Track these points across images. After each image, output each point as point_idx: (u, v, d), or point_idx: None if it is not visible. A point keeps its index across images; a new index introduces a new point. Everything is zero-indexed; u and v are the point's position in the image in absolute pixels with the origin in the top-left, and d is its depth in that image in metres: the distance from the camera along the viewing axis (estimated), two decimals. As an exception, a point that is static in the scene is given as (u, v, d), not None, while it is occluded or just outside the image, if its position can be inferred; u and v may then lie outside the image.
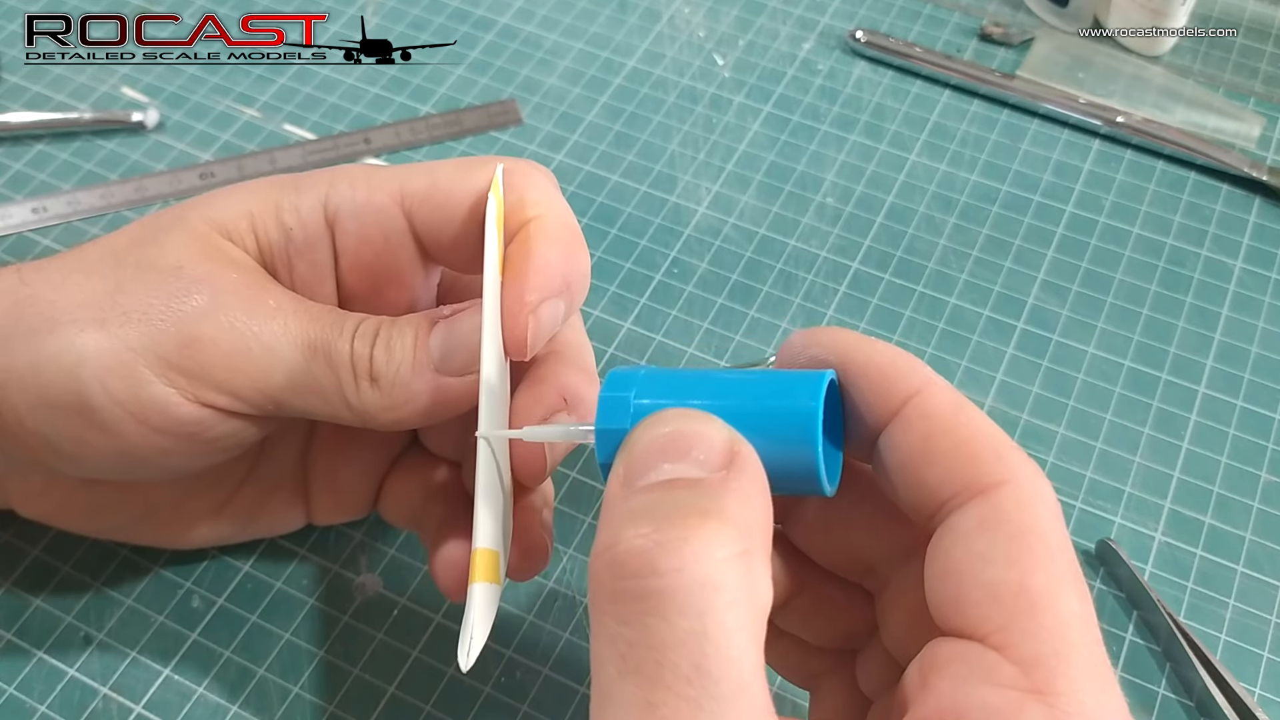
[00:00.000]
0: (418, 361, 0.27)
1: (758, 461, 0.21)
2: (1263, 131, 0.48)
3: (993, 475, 0.20)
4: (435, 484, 0.33)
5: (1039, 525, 0.20)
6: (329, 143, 0.47)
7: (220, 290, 0.27)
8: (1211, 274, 0.43)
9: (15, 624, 0.34)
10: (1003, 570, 0.19)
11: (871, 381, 0.22)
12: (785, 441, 0.21)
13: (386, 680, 0.33)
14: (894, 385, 0.22)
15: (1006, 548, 0.20)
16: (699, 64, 0.50)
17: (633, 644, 0.18)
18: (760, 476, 0.20)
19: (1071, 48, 0.51)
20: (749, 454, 0.20)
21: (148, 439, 0.27)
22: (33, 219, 0.44)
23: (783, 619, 0.26)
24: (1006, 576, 0.19)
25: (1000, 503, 0.20)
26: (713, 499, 0.19)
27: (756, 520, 0.19)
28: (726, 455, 0.20)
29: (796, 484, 0.22)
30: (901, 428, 0.22)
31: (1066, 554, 0.20)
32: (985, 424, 0.21)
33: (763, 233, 0.44)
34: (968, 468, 0.21)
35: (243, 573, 0.35)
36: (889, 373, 0.22)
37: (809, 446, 0.21)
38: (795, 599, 0.26)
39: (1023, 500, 0.20)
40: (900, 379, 0.22)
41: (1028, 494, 0.20)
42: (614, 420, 0.23)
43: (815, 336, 0.23)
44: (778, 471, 0.21)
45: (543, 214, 0.28)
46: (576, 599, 0.35)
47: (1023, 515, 0.20)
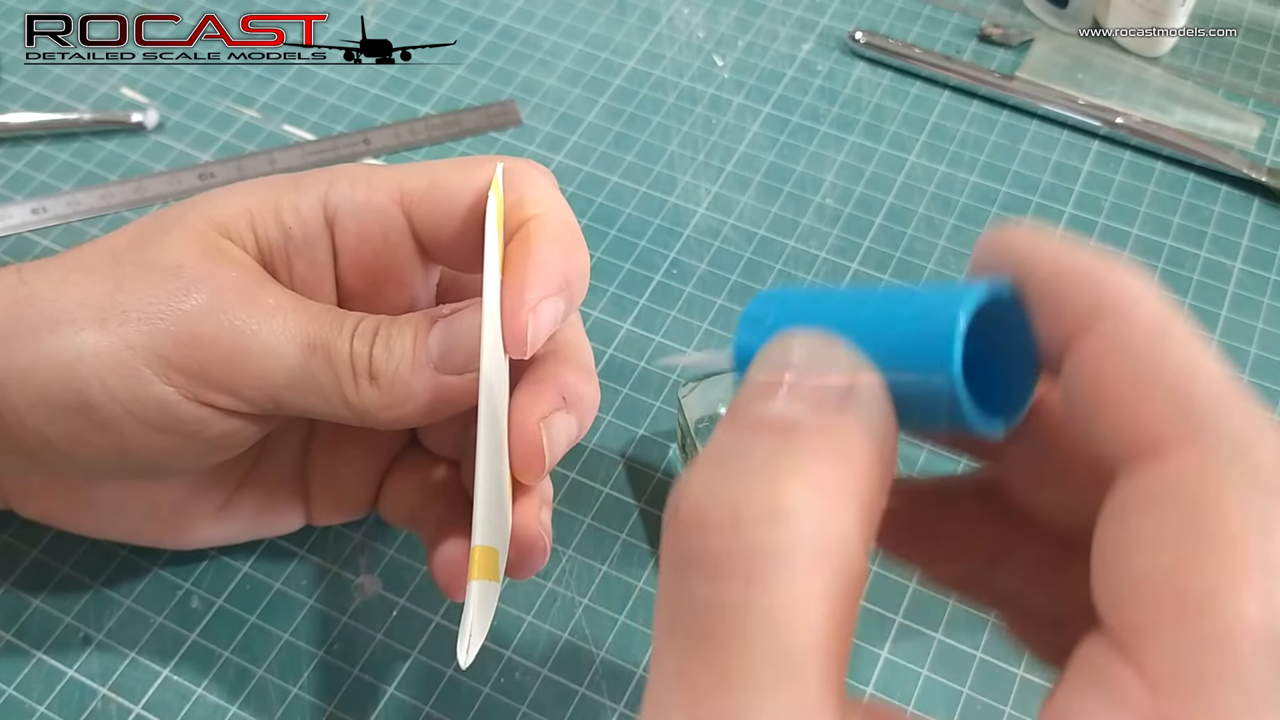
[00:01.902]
0: (417, 360, 0.27)
1: (877, 400, 0.17)
2: (1262, 133, 0.48)
3: (1171, 433, 0.15)
4: (434, 483, 0.33)
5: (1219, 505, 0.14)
6: (328, 143, 0.47)
7: (220, 289, 0.27)
8: (1210, 275, 0.44)
9: (15, 624, 0.34)
10: (1155, 557, 0.15)
11: (1046, 297, 0.17)
12: (924, 369, 0.17)
13: (386, 680, 0.33)
14: (1068, 301, 0.17)
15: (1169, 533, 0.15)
16: (698, 65, 0.50)
17: (678, 603, 0.16)
18: (878, 418, 0.17)
19: (1071, 48, 0.51)
20: (869, 391, 0.17)
21: (147, 438, 0.27)
22: (33, 219, 0.44)
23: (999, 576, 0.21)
24: (1158, 565, 0.15)
25: (1176, 474, 0.15)
26: (792, 447, 0.16)
27: (855, 470, 0.16)
28: (840, 392, 0.17)
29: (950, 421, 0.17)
30: (1078, 358, 0.17)
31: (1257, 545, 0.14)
32: (1176, 357, 0.16)
33: (762, 233, 0.44)
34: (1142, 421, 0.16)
35: (242, 573, 0.35)
36: (1066, 281, 0.17)
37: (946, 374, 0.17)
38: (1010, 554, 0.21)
39: (1208, 472, 0.15)
40: (1075, 291, 0.17)
41: (1217, 463, 0.15)
42: (751, 339, 0.19)
43: (1000, 241, 0.18)
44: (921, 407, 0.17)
45: (542, 213, 0.28)
46: (576, 599, 0.35)
47: (1201, 491, 0.15)
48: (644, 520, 0.37)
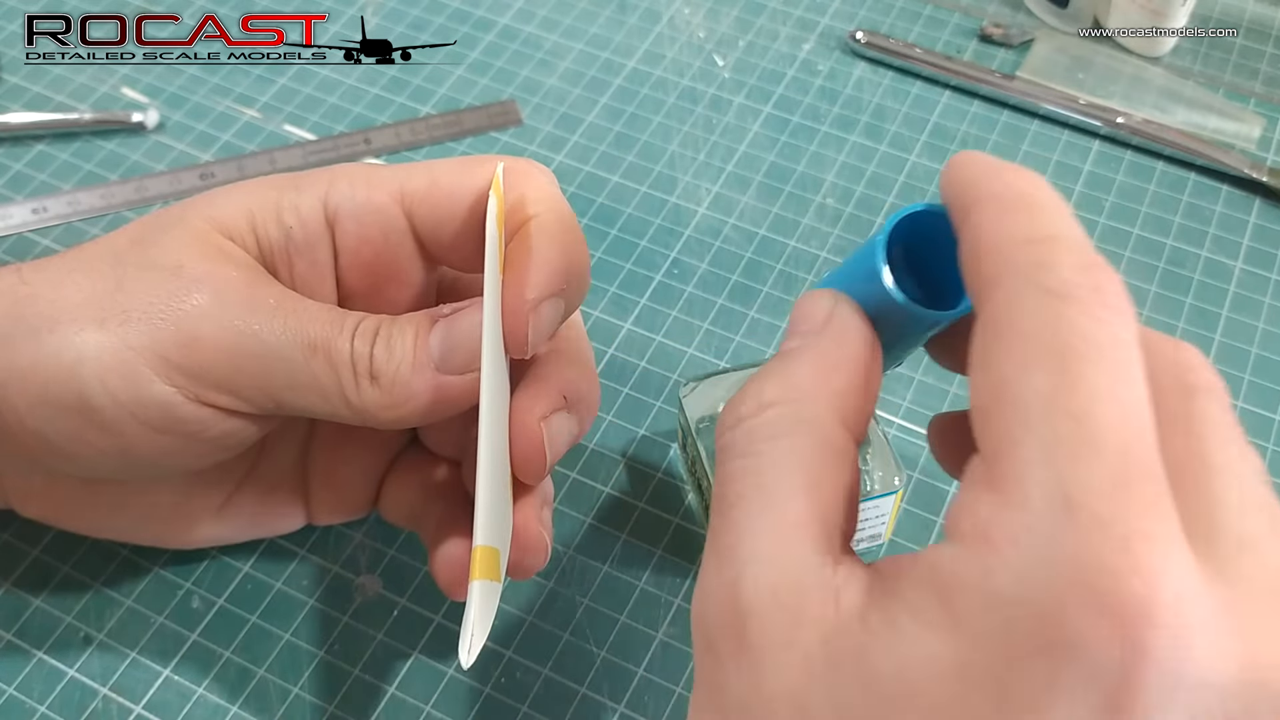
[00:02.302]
0: (418, 360, 0.27)
1: (849, 318, 0.22)
2: (1263, 132, 0.48)
3: (989, 276, 0.19)
4: (435, 483, 0.33)
5: (1013, 314, 0.18)
6: (329, 143, 0.47)
7: (220, 289, 0.27)
8: (1211, 275, 0.43)
9: (15, 624, 0.34)
10: (978, 372, 0.19)
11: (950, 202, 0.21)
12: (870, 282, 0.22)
13: (386, 680, 0.33)
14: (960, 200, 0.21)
15: (984, 347, 0.19)
16: (699, 65, 0.50)
17: (714, 487, 0.22)
18: (847, 330, 0.22)
19: (1071, 48, 0.51)
20: (841, 317, 0.22)
21: (148, 438, 0.27)
22: (33, 219, 0.44)
23: None
24: (979, 377, 0.19)
25: (990, 302, 0.19)
26: (782, 364, 0.22)
27: (824, 369, 0.22)
28: (821, 321, 0.22)
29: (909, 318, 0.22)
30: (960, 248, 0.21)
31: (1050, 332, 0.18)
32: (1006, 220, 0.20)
33: (763, 233, 0.44)
34: (977, 275, 0.20)
35: (243, 573, 0.35)
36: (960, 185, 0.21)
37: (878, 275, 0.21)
38: None
39: (1008, 293, 0.19)
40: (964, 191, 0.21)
41: (1014, 284, 0.19)
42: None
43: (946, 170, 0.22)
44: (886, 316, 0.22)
45: (543, 212, 0.28)
46: (576, 599, 0.35)
47: (1003, 308, 0.19)
48: (645, 520, 0.37)
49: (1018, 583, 0.17)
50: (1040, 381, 0.18)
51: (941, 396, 0.40)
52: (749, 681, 0.19)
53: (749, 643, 0.19)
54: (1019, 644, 0.16)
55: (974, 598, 0.17)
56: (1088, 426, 0.17)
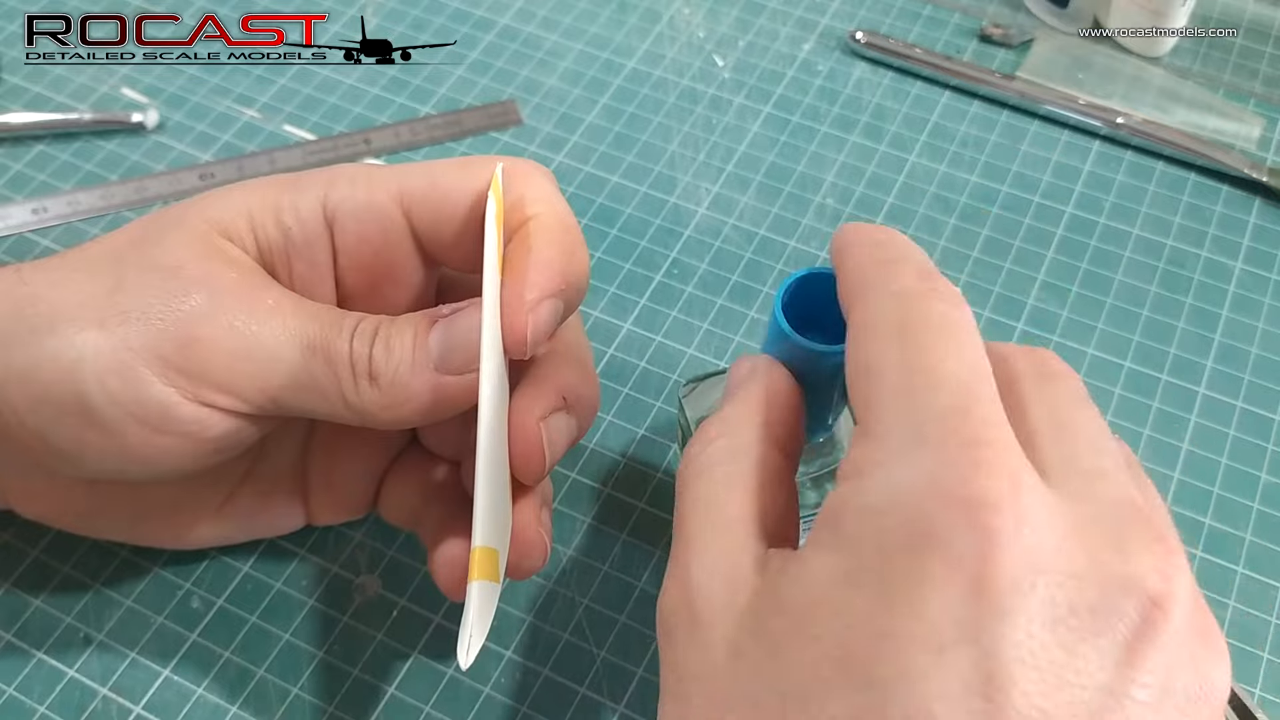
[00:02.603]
0: (417, 360, 0.27)
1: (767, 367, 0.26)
2: (1263, 132, 0.48)
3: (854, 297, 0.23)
4: (434, 483, 0.33)
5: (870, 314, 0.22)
6: (329, 143, 0.47)
7: (219, 290, 0.27)
8: (1211, 275, 0.43)
9: (15, 624, 0.34)
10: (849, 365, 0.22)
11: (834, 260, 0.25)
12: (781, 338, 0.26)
13: (386, 681, 0.33)
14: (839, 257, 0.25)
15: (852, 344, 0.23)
16: (699, 65, 0.50)
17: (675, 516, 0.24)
18: (766, 376, 0.26)
19: (1071, 49, 0.51)
20: (762, 367, 0.26)
21: (147, 439, 0.27)
22: (33, 220, 0.44)
23: None
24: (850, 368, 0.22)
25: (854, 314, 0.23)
26: (720, 412, 0.25)
27: (750, 408, 0.25)
28: (746, 376, 0.26)
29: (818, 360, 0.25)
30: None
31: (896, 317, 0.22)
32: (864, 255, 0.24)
33: (762, 234, 0.44)
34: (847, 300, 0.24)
35: (242, 573, 0.35)
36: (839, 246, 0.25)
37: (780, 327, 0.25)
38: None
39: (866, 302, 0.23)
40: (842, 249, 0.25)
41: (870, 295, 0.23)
42: None
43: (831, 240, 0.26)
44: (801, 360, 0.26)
45: (542, 213, 0.28)
46: (576, 599, 0.35)
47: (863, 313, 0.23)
48: (645, 520, 0.37)
49: (885, 496, 0.20)
50: (892, 353, 0.21)
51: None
52: (700, 652, 0.21)
53: (698, 619, 0.22)
54: (891, 545, 0.19)
55: (851, 517, 0.20)
56: (929, 374, 0.21)
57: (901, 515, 0.19)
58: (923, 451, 0.20)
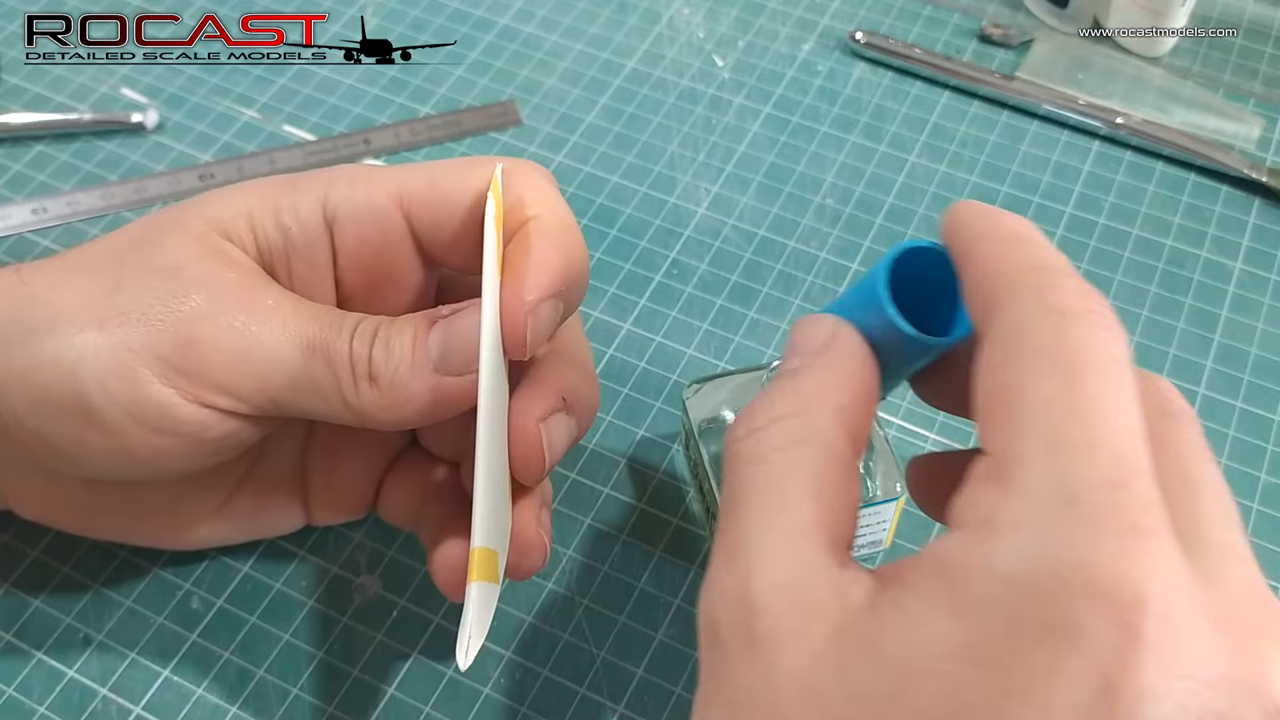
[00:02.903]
0: (416, 361, 0.27)
1: (849, 340, 0.23)
2: (1262, 133, 0.48)
3: (998, 298, 0.21)
4: (434, 484, 0.33)
5: (1023, 328, 0.20)
6: (329, 144, 0.47)
7: (219, 290, 0.27)
8: (1211, 275, 0.43)
9: (15, 625, 0.34)
10: (986, 379, 0.20)
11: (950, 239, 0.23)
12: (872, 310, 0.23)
13: (386, 681, 0.33)
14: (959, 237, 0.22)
15: (994, 358, 0.20)
16: (698, 65, 0.50)
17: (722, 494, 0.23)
18: (848, 351, 0.23)
19: (1071, 49, 0.51)
20: (843, 340, 0.23)
21: (147, 439, 0.27)
22: (32, 220, 0.44)
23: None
24: (988, 383, 0.20)
25: (998, 319, 0.20)
26: (789, 381, 0.23)
27: (828, 386, 0.23)
28: (823, 343, 0.23)
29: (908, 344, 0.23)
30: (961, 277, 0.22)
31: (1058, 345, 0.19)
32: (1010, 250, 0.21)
33: (762, 234, 0.44)
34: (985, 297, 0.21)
35: (242, 574, 0.35)
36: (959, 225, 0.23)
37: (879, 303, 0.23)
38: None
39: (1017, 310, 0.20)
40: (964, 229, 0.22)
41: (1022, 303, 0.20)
42: None
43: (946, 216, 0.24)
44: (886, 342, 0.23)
45: (542, 214, 0.28)
46: (576, 600, 0.35)
47: (1013, 324, 0.20)
48: (645, 521, 0.37)
49: (1021, 568, 0.18)
50: (1047, 387, 0.19)
51: (941, 397, 0.40)
52: (759, 672, 0.20)
53: (759, 636, 0.20)
54: (1021, 626, 0.17)
55: (978, 581, 0.18)
56: (1089, 430, 0.18)
57: (1041, 596, 0.17)
58: (1073, 527, 0.18)
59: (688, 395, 0.35)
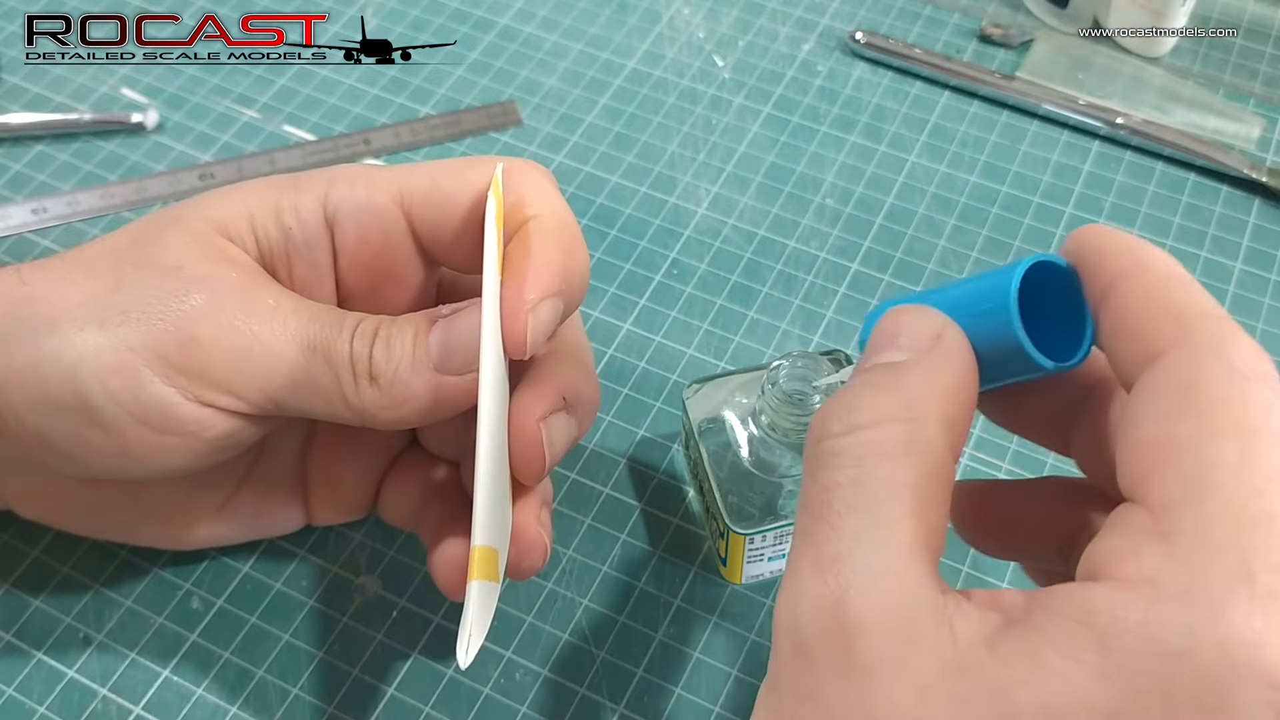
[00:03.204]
0: (417, 360, 0.27)
1: (959, 343, 0.22)
2: (1262, 133, 0.48)
3: (1166, 340, 0.20)
4: (434, 483, 0.33)
5: (1200, 380, 0.19)
6: (329, 144, 0.47)
7: (219, 290, 0.27)
8: (1211, 275, 0.43)
9: (15, 625, 0.34)
10: (1152, 426, 0.19)
11: (1088, 264, 0.22)
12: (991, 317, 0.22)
13: (386, 681, 0.33)
14: (1103, 265, 0.22)
15: (1162, 405, 0.19)
16: (699, 65, 0.50)
17: (809, 490, 0.21)
18: (958, 354, 0.22)
19: (1071, 49, 0.51)
20: (951, 339, 0.22)
21: (147, 439, 0.27)
22: (32, 220, 0.44)
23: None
24: (1155, 431, 0.19)
25: (1169, 364, 0.19)
26: (894, 376, 0.21)
27: (937, 391, 0.21)
28: (930, 339, 0.22)
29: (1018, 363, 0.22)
30: (1107, 309, 0.21)
31: (1238, 406, 0.18)
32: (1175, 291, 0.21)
33: (762, 234, 0.44)
34: (1148, 337, 0.20)
35: (242, 574, 0.35)
36: (1102, 253, 0.22)
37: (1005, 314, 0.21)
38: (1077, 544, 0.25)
39: (1192, 360, 0.19)
40: (1108, 258, 0.22)
41: (1199, 353, 0.19)
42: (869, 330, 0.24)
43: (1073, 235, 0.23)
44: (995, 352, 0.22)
45: (542, 213, 0.28)
46: (576, 600, 0.35)
47: (1187, 373, 0.19)
48: (645, 521, 0.37)
49: (1187, 637, 0.17)
50: (1226, 451, 0.18)
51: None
52: (855, 699, 0.19)
53: (856, 659, 0.19)
54: (1180, 699, 0.17)
55: (1137, 643, 0.17)
56: (1270, 504, 0.18)
57: (1203, 670, 0.17)
58: (1246, 601, 0.17)
59: (688, 395, 0.35)
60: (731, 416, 0.34)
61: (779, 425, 0.32)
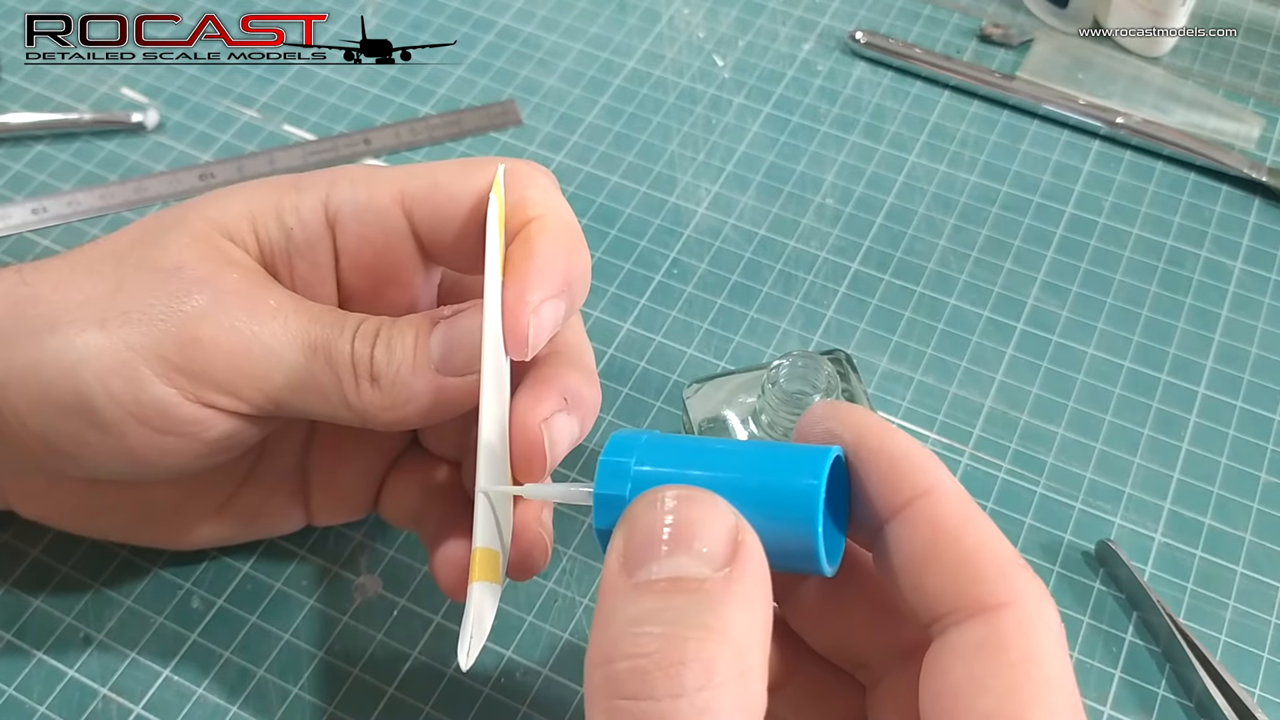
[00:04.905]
0: (418, 361, 0.27)
1: (760, 553, 0.20)
2: (1262, 132, 0.48)
3: (995, 595, 0.20)
4: (435, 484, 0.33)
5: (1039, 653, 0.19)
6: (329, 144, 0.47)
7: (221, 290, 0.27)
8: (1211, 275, 0.44)
9: (15, 624, 0.34)
10: (998, 701, 0.19)
11: (881, 471, 0.22)
12: (786, 520, 0.21)
13: (386, 681, 0.33)
14: (903, 480, 0.22)
15: (1004, 676, 0.19)
16: (699, 65, 0.50)
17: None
18: (763, 570, 0.20)
19: (1071, 49, 0.51)
20: (752, 545, 0.20)
21: (148, 439, 0.27)
22: (33, 220, 0.44)
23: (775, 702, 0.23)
24: (1002, 708, 0.19)
25: (1001, 626, 0.20)
26: (715, 611, 0.19)
27: (756, 627, 0.20)
28: (730, 548, 0.20)
29: (796, 562, 0.21)
30: (906, 527, 0.21)
31: (1066, 686, 0.20)
32: (993, 536, 0.21)
33: (762, 233, 0.44)
34: (970, 583, 0.20)
35: (242, 573, 0.35)
36: (900, 465, 0.22)
37: (809, 526, 0.21)
38: (789, 683, 0.26)
39: (1025, 625, 0.20)
40: (911, 474, 0.22)
41: (1030, 618, 0.20)
42: (613, 486, 0.22)
43: (836, 411, 0.23)
44: (778, 549, 0.21)
45: (543, 214, 0.28)
46: (576, 599, 0.35)
47: (1024, 641, 0.20)
48: (644, 521, 0.37)
49: None
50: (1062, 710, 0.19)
51: (941, 397, 0.40)
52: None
53: None
54: None
55: None
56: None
57: None
58: None
59: (688, 395, 0.35)
60: (732, 416, 0.34)
61: (779, 425, 0.32)
